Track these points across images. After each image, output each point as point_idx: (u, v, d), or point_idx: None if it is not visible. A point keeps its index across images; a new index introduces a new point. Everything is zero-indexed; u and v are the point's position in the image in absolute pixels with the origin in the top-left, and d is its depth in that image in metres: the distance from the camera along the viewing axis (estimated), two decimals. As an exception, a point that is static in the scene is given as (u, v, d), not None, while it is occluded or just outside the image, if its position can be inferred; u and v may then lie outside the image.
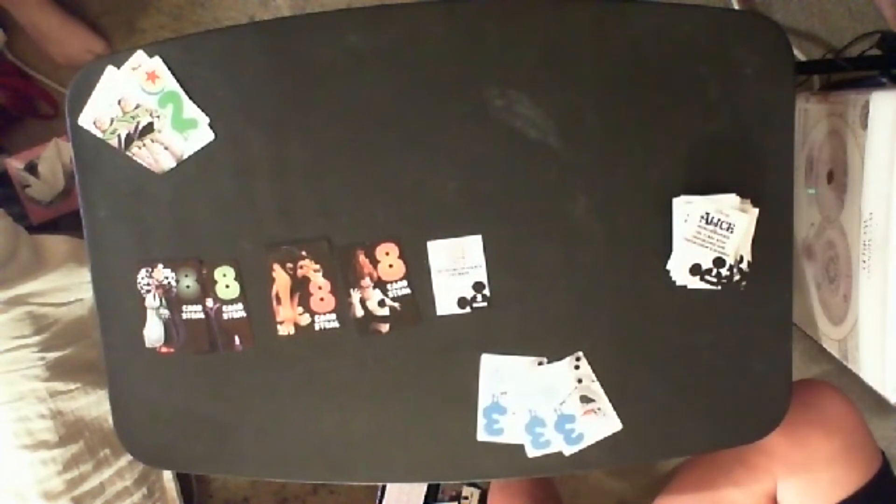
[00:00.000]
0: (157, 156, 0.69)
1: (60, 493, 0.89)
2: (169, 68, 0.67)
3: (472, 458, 0.70)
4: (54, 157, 1.15)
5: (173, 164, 0.69)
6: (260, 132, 0.68)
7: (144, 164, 0.69)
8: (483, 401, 0.69)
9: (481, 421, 0.69)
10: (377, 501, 1.22)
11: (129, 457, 0.94)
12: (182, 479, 1.19)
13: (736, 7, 1.16)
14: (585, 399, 0.68)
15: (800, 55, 1.15)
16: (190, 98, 0.67)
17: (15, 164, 1.15)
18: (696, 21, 0.65)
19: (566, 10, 0.65)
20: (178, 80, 0.67)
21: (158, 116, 0.68)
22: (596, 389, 0.68)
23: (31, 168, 1.15)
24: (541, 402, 0.68)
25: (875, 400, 0.78)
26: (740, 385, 0.69)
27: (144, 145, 0.69)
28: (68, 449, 0.89)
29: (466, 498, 1.22)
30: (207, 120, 0.68)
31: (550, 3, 0.66)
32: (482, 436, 0.70)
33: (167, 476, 1.10)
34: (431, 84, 0.66)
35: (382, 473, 0.76)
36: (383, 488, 1.23)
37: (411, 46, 0.66)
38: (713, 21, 0.65)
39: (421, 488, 1.22)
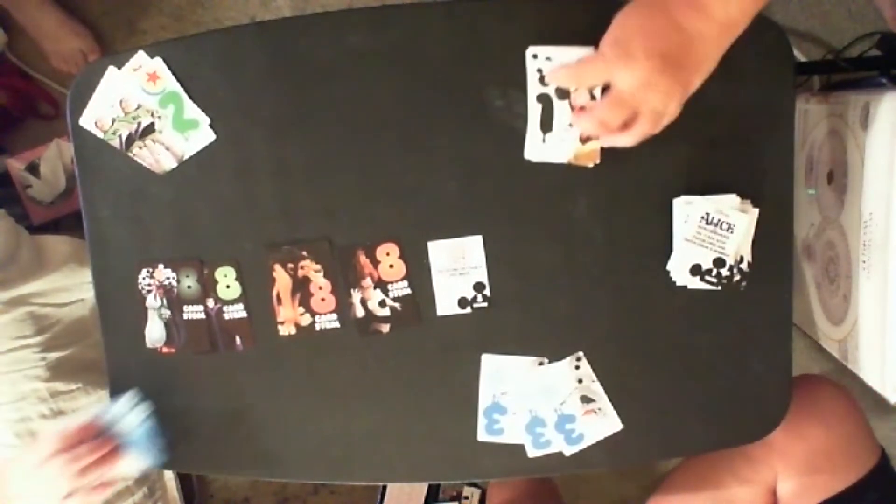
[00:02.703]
0: (158, 156, 0.69)
1: (61, 493, 0.89)
2: (170, 69, 0.67)
3: (472, 458, 0.70)
4: (55, 157, 1.15)
5: (174, 165, 0.69)
6: (261, 132, 0.68)
7: (145, 165, 0.69)
8: (483, 401, 0.69)
9: (482, 421, 0.69)
10: (377, 502, 1.22)
11: (129, 457, 0.94)
12: (183, 479, 1.19)
13: (736, 8, 1.16)
14: (586, 399, 0.68)
15: (800, 55, 1.15)
16: (191, 98, 0.68)
17: (16, 165, 1.15)
18: (696, 22, 0.65)
19: (566, 11, 0.65)
20: (178, 81, 0.67)
21: (159, 117, 0.68)
22: (596, 389, 0.68)
23: (33, 168, 1.16)
24: (541, 402, 0.68)
25: (875, 400, 0.78)
26: (740, 385, 0.69)
27: (145, 146, 0.69)
28: (69, 449, 0.89)
29: (467, 498, 1.22)
30: (208, 120, 0.68)
31: (551, 4, 0.66)
32: (482, 436, 0.70)
33: (168, 476, 1.10)
34: (432, 84, 0.67)
35: (383, 473, 0.76)
36: (383, 488, 1.23)
37: (412, 47, 0.66)
38: (713, 22, 0.65)
39: (421, 488, 1.22)
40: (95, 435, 0.69)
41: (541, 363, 0.68)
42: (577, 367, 0.68)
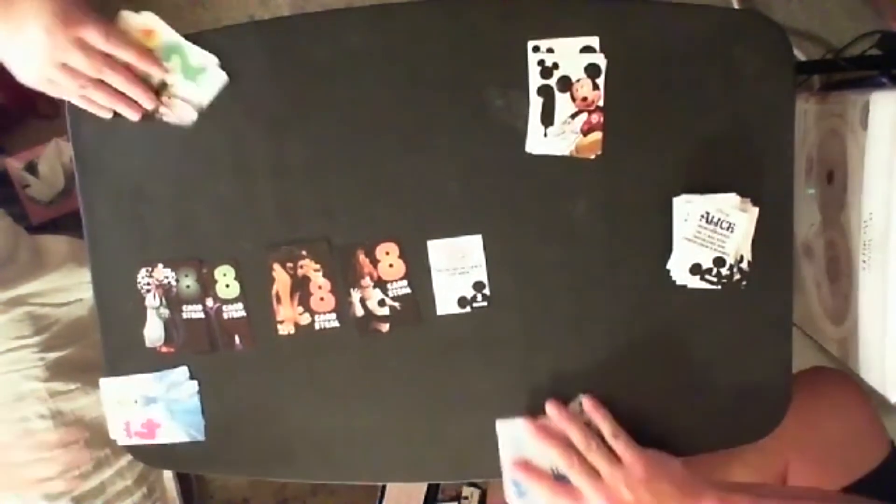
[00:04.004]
0: (180, 111, 0.67)
1: (61, 494, 0.89)
2: None
3: (472, 458, 0.70)
4: (54, 156, 1.15)
5: (195, 116, 0.67)
6: (260, 132, 0.68)
7: (172, 123, 0.68)
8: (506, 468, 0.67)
9: (511, 488, 0.67)
10: (377, 502, 1.22)
11: (128, 457, 0.94)
12: (182, 479, 1.19)
13: (736, 7, 1.16)
14: None
15: (800, 55, 1.15)
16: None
17: (15, 164, 1.15)
18: (696, 21, 0.65)
19: (566, 11, 0.65)
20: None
21: (167, 71, 0.67)
22: None
23: (31, 168, 1.16)
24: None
25: (875, 400, 0.78)
26: (740, 385, 0.69)
27: (164, 104, 0.67)
28: (68, 449, 0.89)
29: (466, 498, 1.22)
30: (216, 61, 0.66)
31: (550, 3, 0.66)
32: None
33: (167, 476, 1.10)
34: (432, 84, 0.66)
35: (383, 473, 0.76)
36: (383, 488, 1.23)
37: (411, 46, 0.66)
38: (713, 21, 0.65)
39: (421, 488, 1.22)
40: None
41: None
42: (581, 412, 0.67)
